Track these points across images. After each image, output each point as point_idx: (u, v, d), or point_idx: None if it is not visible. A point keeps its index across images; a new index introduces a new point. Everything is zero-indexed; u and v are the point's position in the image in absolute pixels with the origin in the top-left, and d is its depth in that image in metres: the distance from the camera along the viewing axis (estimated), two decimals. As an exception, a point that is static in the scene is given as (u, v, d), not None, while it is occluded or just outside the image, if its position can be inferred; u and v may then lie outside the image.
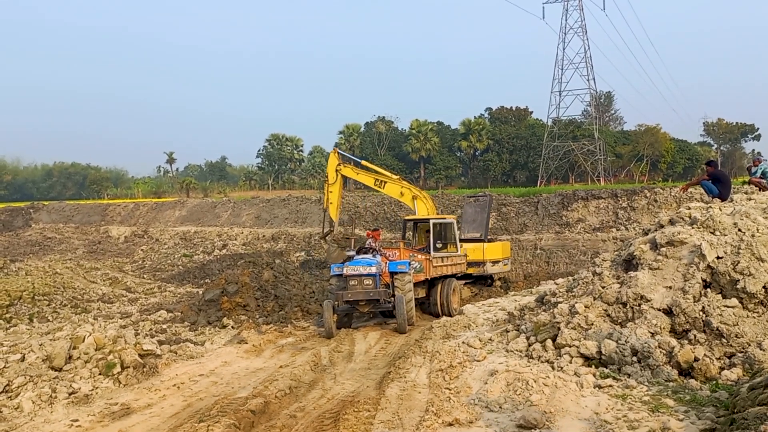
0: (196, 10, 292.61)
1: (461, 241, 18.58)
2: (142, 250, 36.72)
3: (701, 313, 7.86)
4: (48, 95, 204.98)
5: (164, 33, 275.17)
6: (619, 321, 8.63)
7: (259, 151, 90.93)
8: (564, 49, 64.94)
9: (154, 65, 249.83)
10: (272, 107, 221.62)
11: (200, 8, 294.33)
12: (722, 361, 7.40)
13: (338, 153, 20.19)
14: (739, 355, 7.34)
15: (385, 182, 19.64)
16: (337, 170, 19.33)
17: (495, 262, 19.65)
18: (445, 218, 18.50)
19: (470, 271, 18.84)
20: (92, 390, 8.82)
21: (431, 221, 17.38)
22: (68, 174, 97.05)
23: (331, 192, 19.26)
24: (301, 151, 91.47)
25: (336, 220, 19.52)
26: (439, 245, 17.31)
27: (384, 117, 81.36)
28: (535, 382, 7.43)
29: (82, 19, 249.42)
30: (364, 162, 20.89)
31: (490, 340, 10.21)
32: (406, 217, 19.44)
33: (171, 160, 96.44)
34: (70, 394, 8.51)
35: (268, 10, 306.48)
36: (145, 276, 28.24)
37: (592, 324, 8.68)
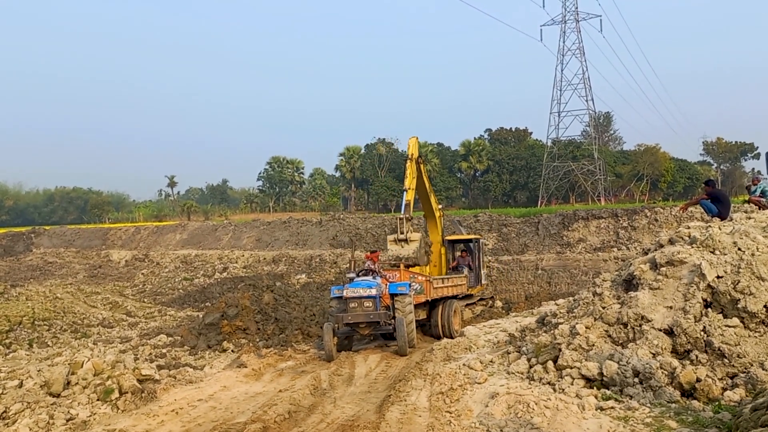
0: (199, 34, 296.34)
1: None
2: (142, 273, 36.68)
3: (702, 333, 7.81)
4: (50, 120, 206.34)
5: (165, 57, 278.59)
6: (620, 342, 8.57)
7: (260, 173, 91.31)
8: (562, 70, 65.60)
9: (155, 90, 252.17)
10: (273, 130, 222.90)
11: (202, 30, 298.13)
12: (724, 382, 7.34)
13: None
14: (742, 375, 7.28)
15: (432, 193, 18.53)
16: (418, 162, 16.68)
17: None
18: (481, 238, 20.66)
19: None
20: (90, 416, 8.73)
21: (481, 241, 19.38)
22: (70, 198, 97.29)
23: (414, 178, 16.36)
24: (302, 173, 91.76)
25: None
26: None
27: (384, 139, 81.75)
28: (536, 404, 7.36)
29: (86, 42, 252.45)
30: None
31: (491, 362, 10.14)
32: (453, 237, 20.20)
33: (172, 184, 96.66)
34: (67, 421, 8.43)
35: (267, 33, 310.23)
36: (145, 300, 28.17)
37: (593, 345, 8.63)
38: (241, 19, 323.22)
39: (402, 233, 15.27)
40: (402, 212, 15.60)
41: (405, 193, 15.76)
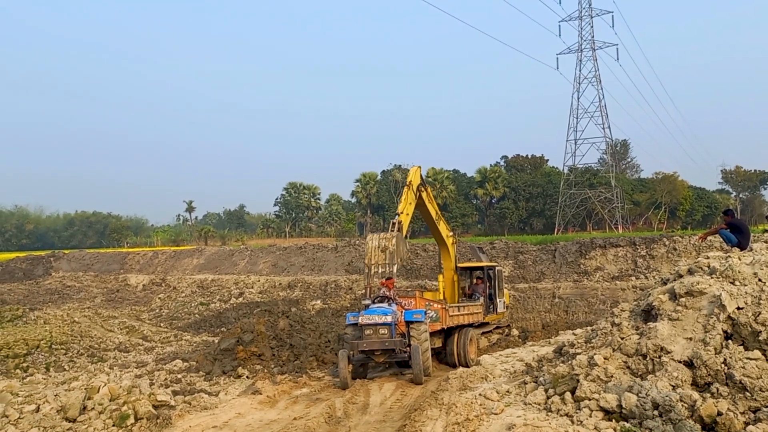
0: (214, 62, 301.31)
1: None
2: (159, 298, 36.87)
3: (723, 365, 7.68)
4: (72, 145, 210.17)
5: (183, 83, 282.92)
6: (639, 373, 8.45)
7: (276, 199, 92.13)
8: (579, 98, 65.75)
9: (174, 116, 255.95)
10: (290, 156, 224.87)
11: (219, 60, 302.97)
12: (747, 416, 7.18)
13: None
14: (765, 409, 7.12)
15: (441, 219, 18.58)
16: (419, 189, 17.05)
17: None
18: (497, 265, 20.17)
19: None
20: (105, 442, 8.75)
21: (496, 269, 19.04)
22: (89, 223, 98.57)
23: (410, 204, 16.61)
24: (318, 199, 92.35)
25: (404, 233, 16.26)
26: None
27: (400, 165, 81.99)
28: (553, 436, 7.25)
29: (101, 68, 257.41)
30: (429, 188, 19.10)
31: (507, 392, 10.02)
32: (466, 264, 20.00)
33: (190, 209, 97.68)
34: (83, 446, 8.45)
35: (286, 61, 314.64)
36: (161, 324, 28.28)
37: (612, 376, 8.51)
38: (259, 47, 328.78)
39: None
40: (395, 219, 15.79)
41: (397, 216, 15.84)
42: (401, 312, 14.13)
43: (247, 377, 13.79)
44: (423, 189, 17.20)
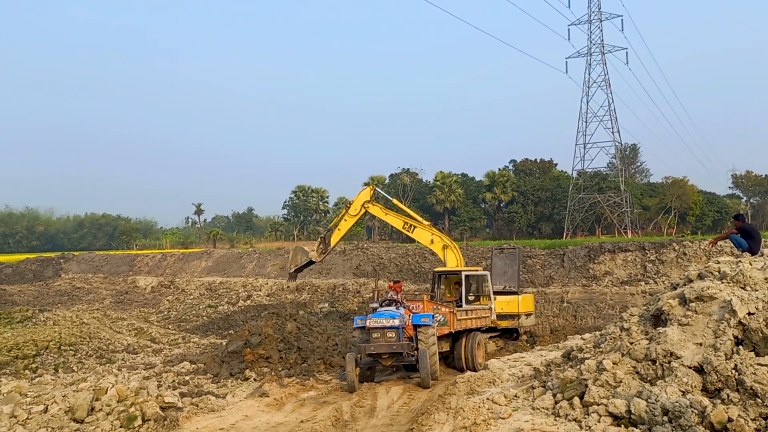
0: (224, 68, 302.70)
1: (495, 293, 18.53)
2: (167, 300, 36.97)
3: (734, 371, 7.61)
4: (82, 147, 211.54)
5: (193, 86, 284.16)
6: (648, 378, 8.39)
7: (285, 202, 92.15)
8: (588, 102, 65.49)
9: (184, 117, 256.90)
10: (298, 159, 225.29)
11: (227, 64, 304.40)
12: (758, 423, 7.11)
13: (374, 190, 19.21)
14: (776, 416, 7.06)
15: (415, 227, 18.73)
16: (364, 205, 18.41)
17: (528, 315, 19.80)
18: (477, 270, 18.70)
19: (503, 324, 18.84)
20: (113, 443, 8.77)
21: (463, 273, 17.53)
22: (99, 225, 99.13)
23: (345, 221, 18.55)
24: (327, 202, 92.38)
25: (332, 247, 19.00)
26: (471, 298, 17.52)
27: (409, 169, 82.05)
28: (561, 441, 7.21)
29: (111, 71, 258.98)
30: (394, 200, 19.93)
31: (515, 396, 9.98)
32: (437, 269, 19.13)
33: (199, 211, 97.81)
34: (90, 447, 8.47)
35: (294, 63, 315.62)
36: (169, 326, 28.35)
37: (621, 381, 8.45)
38: (267, 50, 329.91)
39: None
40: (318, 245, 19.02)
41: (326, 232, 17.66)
42: (409, 315, 14.11)
43: (254, 380, 13.80)
44: (367, 206, 18.39)
